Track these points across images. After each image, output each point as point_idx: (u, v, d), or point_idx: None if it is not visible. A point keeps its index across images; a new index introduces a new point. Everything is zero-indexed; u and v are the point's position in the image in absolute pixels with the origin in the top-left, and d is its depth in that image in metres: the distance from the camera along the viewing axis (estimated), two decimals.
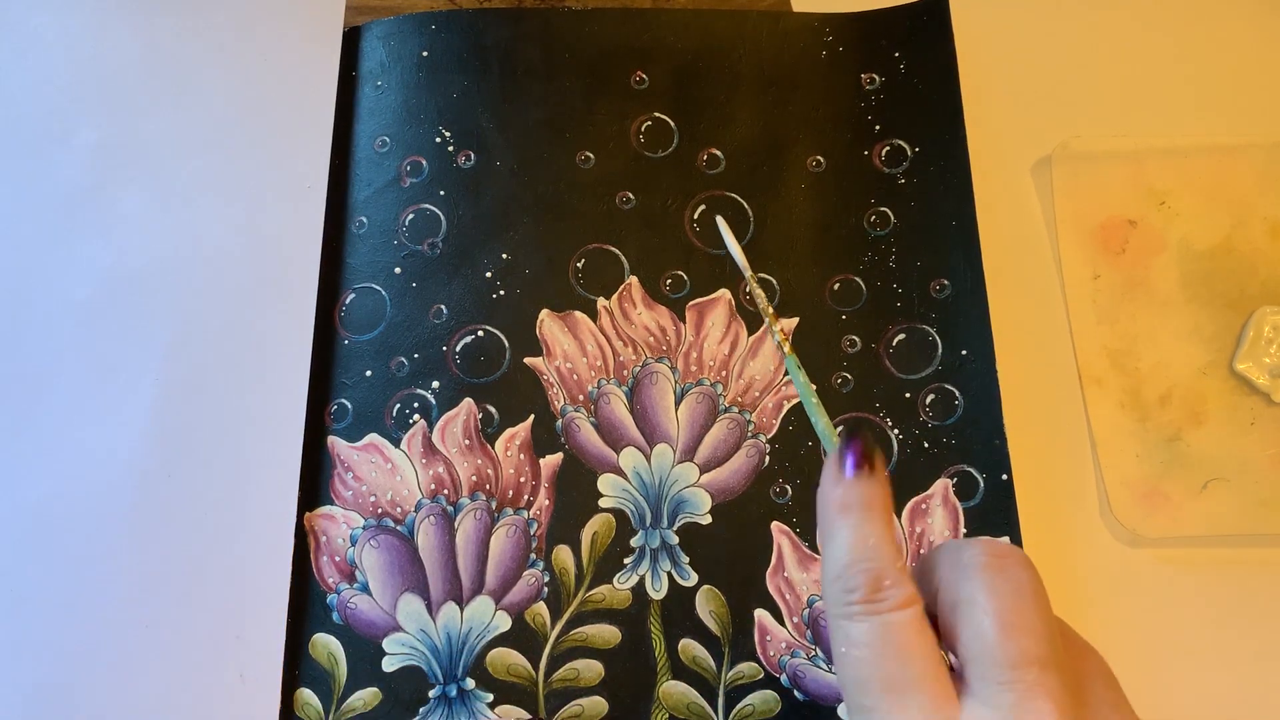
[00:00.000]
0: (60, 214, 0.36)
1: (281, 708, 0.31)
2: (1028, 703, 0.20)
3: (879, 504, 0.23)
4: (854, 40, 0.38)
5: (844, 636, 0.22)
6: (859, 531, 0.22)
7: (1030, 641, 0.21)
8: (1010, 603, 0.21)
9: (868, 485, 0.23)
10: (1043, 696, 0.20)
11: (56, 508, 0.32)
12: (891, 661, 0.21)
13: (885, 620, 0.22)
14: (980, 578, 0.22)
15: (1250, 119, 0.38)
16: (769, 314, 0.25)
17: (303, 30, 0.38)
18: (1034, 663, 0.21)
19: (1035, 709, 0.20)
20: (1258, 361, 0.34)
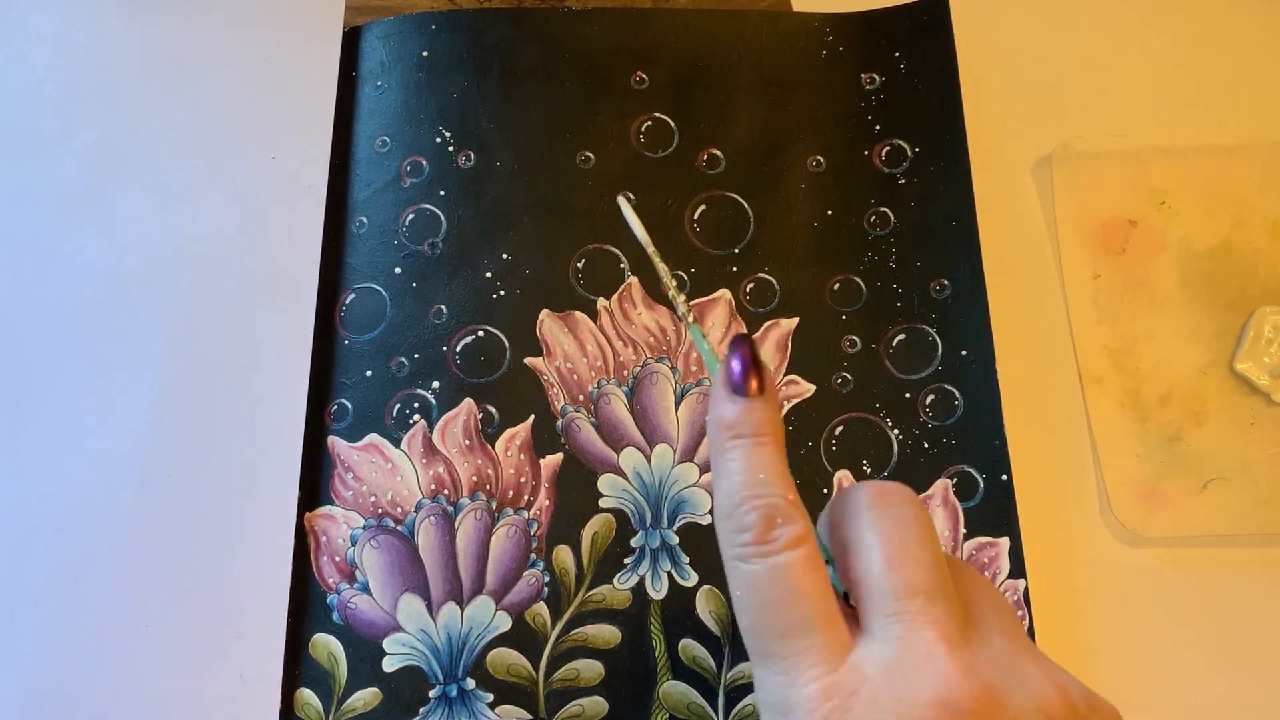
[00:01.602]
0: (60, 214, 0.36)
1: (281, 708, 0.31)
2: (914, 633, 0.21)
3: (769, 430, 0.23)
4: (854, 40, 0.38)
5: (738, 578, 0.22)
6: (748, 462, 0.22)
7: (913, 572, 0.21)
8: (893, 537, 0.22)
9: (758, 409, 0.23)
10: (928, 625, 0.21)
11: (56, 507, 0.32)
12: (785, 605, 0.21)
13: (777, 562, 0.22)
14: (865, 517, 0.22)
15: (1250, 119, 0.38)
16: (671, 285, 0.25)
17: (303, 30, 0.38)
18: (919, 593, 0.21)
19: (921, 638, 0.21)
20: (1258, 361, 0.34)
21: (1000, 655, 0.21)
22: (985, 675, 0.20)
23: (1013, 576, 0.32)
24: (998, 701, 0.20)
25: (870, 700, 0.20)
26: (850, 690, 0.20)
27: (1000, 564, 0.33)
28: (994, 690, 0.20)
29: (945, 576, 0.22)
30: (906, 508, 0.23)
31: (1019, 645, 0.22)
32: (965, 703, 0.20)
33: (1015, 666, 0.21)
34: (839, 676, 0.21)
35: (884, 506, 0.23)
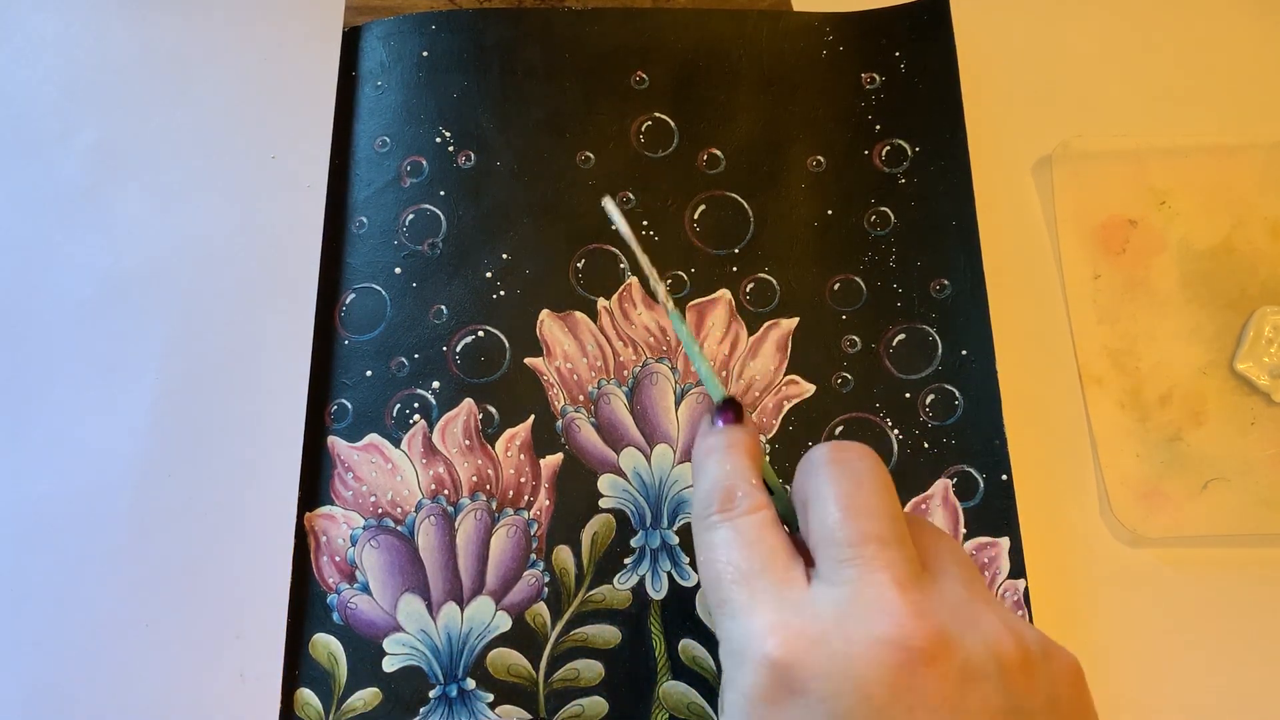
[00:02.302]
0: (60, 213, 0.36)
1: (281, 708, 0.31)
2: (867, 576, 0.21)
3: (742, 443, 0.24)
4: (854, 40, 0.38)
5: (702, 545, 0.23)
6: (720, 464, 0.24)
7: (868, 522, 0.22)
8: (849, 489, 0.23)
9: (733, 430, 0.25)
10: (881, 569, 0.21)
11: (56, 507, 0.32)
12: (741, 554, 0.22)
13: (736, 522, 0.23)
14: (823, 473, 0.23)
15: (1250, 119, 0.38)
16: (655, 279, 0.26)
17: (303, 30, 0.38)
18: (872, 540, 0.22)
19: (875, 580, 0.21)
20: (1258, 361, 0.34)
21: (954, 600, 0.22)
22: (937, 617, 0.21)
23: (1013, 576, 0.32)
24: (948, 642, 0.20)
25: (821, 638, 0.20)
26: (802, 629, 0.21)
27: (1000, 564, 0.33)
28: (945, 631, 0.20)
29: (901, 526, 0.22)
30: (863, 462, 0.23)
31: (975, 592, 0.22)
32: (915, 639, 0.20)
33: (969, 610, 0.21)
34: (792, 615, 0.21)
35: (841, 462, 0.23)
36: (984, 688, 0.20)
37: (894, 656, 0.20)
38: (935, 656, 0.20)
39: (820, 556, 0.22)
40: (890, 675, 0.20)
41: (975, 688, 0.20)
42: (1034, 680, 0.21)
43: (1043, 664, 0.21)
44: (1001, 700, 0.20)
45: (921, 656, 0.20)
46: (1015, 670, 0.20)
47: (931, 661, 0.20)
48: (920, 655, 0.20)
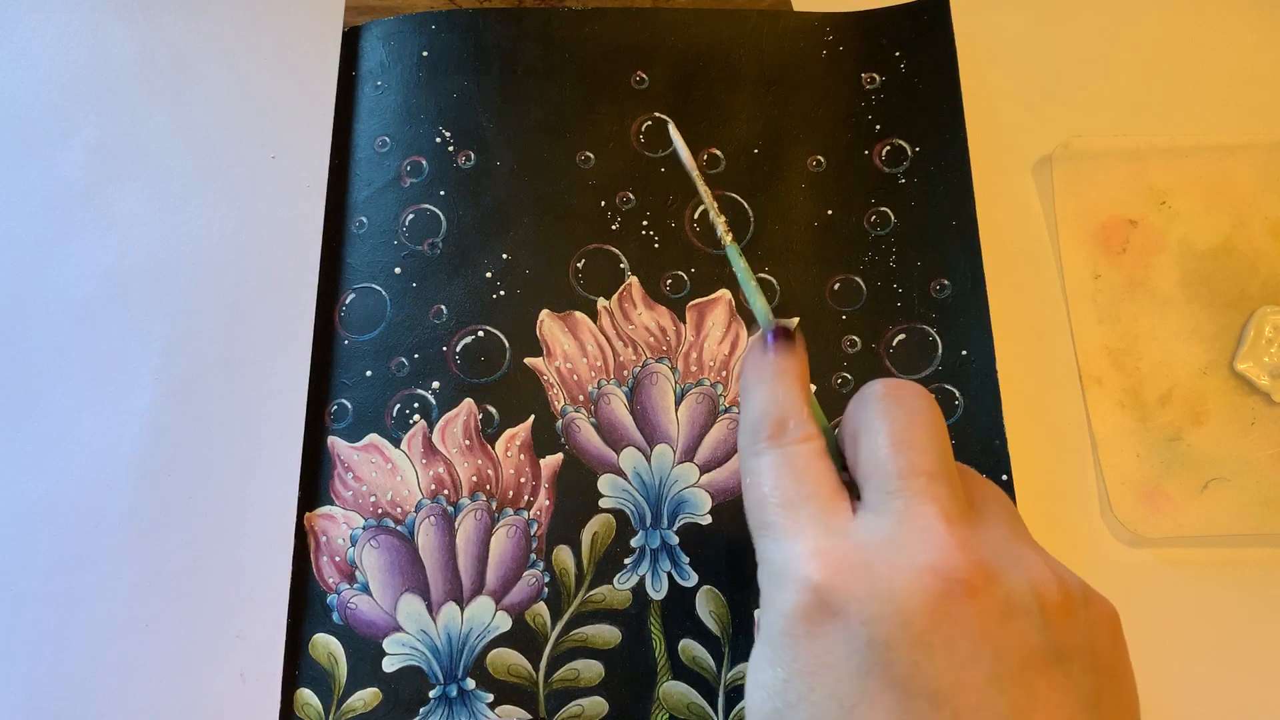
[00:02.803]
0: (60, 213, 0.36)
1: (281, 708, 0.31)
2: (915, 507, 0.21)
3: (794, 370, 0.24)
4: (854, 40, 0.38)
5: (750, 469, 0.23)
6: (772, 391, 0.24)
7: (919, 456, 0.22)
8: (902, 424, 0.22)
9: (785, 356, 0.24)
10: (929, 501, 0.21)
11: (56, 507, 0.32)
12: (788, 481, 0.22)
13: (786, 450, 0.23)
14: (877, 406, 0.23)
15: (1250, 119, 0.38)
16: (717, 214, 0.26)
17: (303, 30, 0.38)
18: (922, 473, 0.22)
19: (922, 512, 0.21)
20: (1258, 361, 0.34)
21: (999, 539, 0.22)
22: (982, 551, 0.21)
23: None
24: (991, 576, 0.20)
25: (864, 564, 0.20)
26: (845, 553, 0.21)
27: None
28: (988, 565, 0.20)
29: (950, 464, 0.22)
30: (918, 399, 0.23)
31: (1020, 535, 0.22)
32: (959, 571, 0.20)
33: (1013, 550, 0.21)
34: (836, 542, 0.21)
35: (896, 398, 0.23)
36: (1024, 624, 0.20)
37: (936, 585, 0.20)
38: (978, 589, 0.20)
39: (868, 488, 0.22)
40: (931, 603, 0.20)
41: (1015, 623, 0.20)
42: (1074, 622, 0.21)
43: (1083, 608, 0.21)
44: (1041, 638, 0.20)
45: (964, 588, 0.20)
46: (1056, 610, 0.20)
47: (974, 593, 0.20)
48: (963, 586, 0.20)
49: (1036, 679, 0.20)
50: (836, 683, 0.20)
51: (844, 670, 0.20)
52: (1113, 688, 0.21)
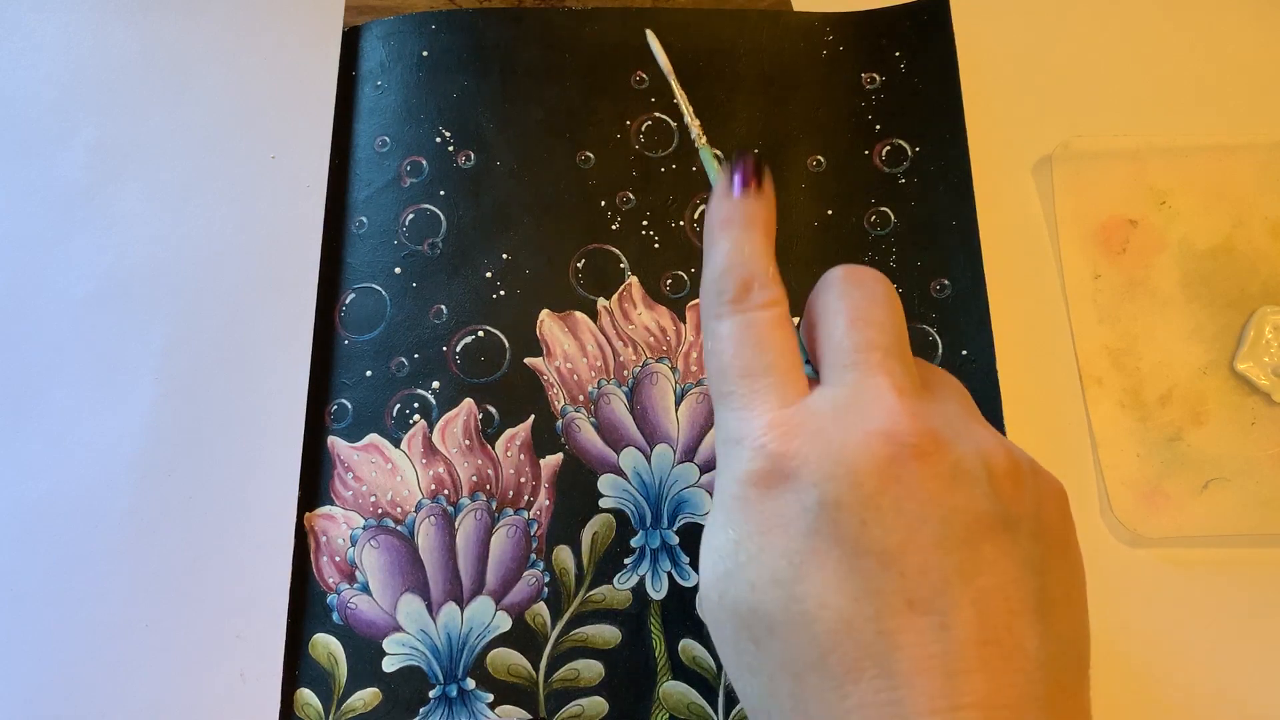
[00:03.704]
0: (60, 213, 0.36)
1: (281, 708, 0.31)
2: (868, 379, 0.22)
3: (760, 220, 0.24)
4: (854, 40, 0.38)
5: (711, 334, 0.23)
6: (736, 243, 0.24)
7: (875, 333, 0.22)
8: (860, 304, 0.23)
9: (752, 202, 0.24)
10: (883, 374, 0.22)
11: (56, 507, 0.32)
12: (749, 350, 0.23)
13: (749, 317, 0.23)
14: (836, 288, 0.24)
15: (1250, 118, 0.38)
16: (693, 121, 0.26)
17: (303, 30, 0.38)
18: (877, 348, 0.22)
19: (875, 383, 0.21)
20: (1258, 361, 0.34)
21: (950, 413, 0.22)
22: (932, 421, 0.21)
23: None
24: (941, 443, 0.20)
25: (816, 430, 0.21)
26: (799, 421, 0.21)
27: None
28: (938, 433, 0.21)
29: (905, 344, 0.23)
30: (876, 283, 0.24)
31: (971, 413, 0.23)
32: (909, 436, 0.20)
33: (963, 424, 0.22)
34: (791, 411, 0.22)
35: (854, 280, 0.24)
36: (972, 489, 0.20)
37: (886, 449, 0.20)
38: (927, 453, 0.20)
39: (824, 365, 0.23)
40: (881, 466, 0.20)
41: (963, 488, 0.20)
42: (1021, 491, 0.21)
43: (1031, 479, 0.21)
44: (988, 504, 0.20)
45: (913, 451, 0.20)
46: (1003, 478, 0.21)
47: (923, 457, 0.20)
48: (912, 450, 0.20)
49: (983, 542, 0.20)
50: (787, 541, 0.20)
51: (794, 530, 0.20)
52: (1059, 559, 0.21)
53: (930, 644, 0.19)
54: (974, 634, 0.19)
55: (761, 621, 0.20)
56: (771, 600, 0.20)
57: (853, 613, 0.19)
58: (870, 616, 0.19)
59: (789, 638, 0.20)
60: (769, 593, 0.20)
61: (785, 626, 0.20)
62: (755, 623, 0.20)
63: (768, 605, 0.20)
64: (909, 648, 0.19)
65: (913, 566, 0.19)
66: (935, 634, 0.19)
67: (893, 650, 0.19)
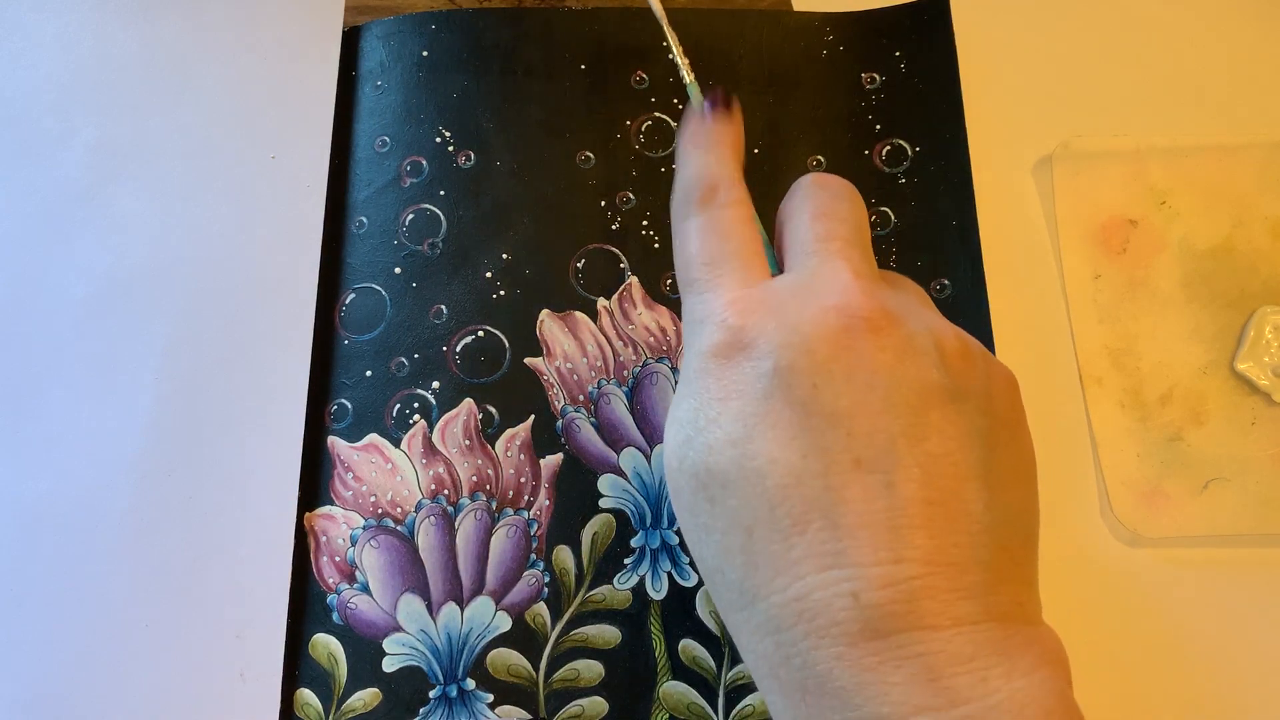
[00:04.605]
0: (60, 213, 0.36)
1: (281, 708, 0.31)
2: (827, 262, 0.23)
3: (729, 140, 0.26)
4: (854, 39, 0.38)
5: (679, 232, 0.25)
6: (704, 158, 0.25)
7: (836, 224, 0.24)
8: (825, 201, 0.24)
9: (721, 123, 0.26)
10: (842, 259, 0.23)
11: (55, 507, 0.32)
12: (714, 240, 0.24)
13: (714, 214, 0.24)
14: (803, 191, 0.25)
15: (1251, 118, 0.38)
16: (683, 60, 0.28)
17: (303, 30, 0.38)
18: (837, 238, 0.23)
19: (833, 266, 0.23)
20: (1259, 361, 0.34)
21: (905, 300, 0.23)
22: (886, 301, 0.22)
23: None
24: (894, 319, 0.21)
25: (775, 305, 0.22)
26: (760, 299, 0.22)
27: None
28: (891, 311, 0.22)
29: (866, 240, 0.24)
30: (842, 185, 0.25)
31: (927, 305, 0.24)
32: (862, 310, 0.21)
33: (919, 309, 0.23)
34: (752, 291, 0.23)
35: (820, 183, 0.25)
36: (922, 361, 0.21)
37: (838, 320, 0.21)
38: (879, 327, 0.21)
39: (788, 254, 0.24)
40: (834, 335, 0.21)
41: (913, 360, 0.21)
42: (971, 369, 0.22)
43: (982, 361, 0.22)
44: (937, 375, 0.21)
45: (866, 324, 0.21)
46: (954, 356, 0.21)
47: (874, 331, 0.21)
48: (864, 324, 0.21)
49: (930, 410, 0.21)
50: (742, 405, 0.21)
51: (750, 394, 0.21)
52: (1008, 436, 0.22)
53: (875, 500, 0.20)
54: (919, 493, 0.20)
55: (716, 480, 0.21)
56: (726, 459, 0.21)
57: (801, 468, 0.20)
58: (818, 472, 0.20)
59: (741, 493, 0.21)
60: (724, 452, 0.21)
61: (738, 483, 0.21)
62: (711, 482, 0.21)
63: (723, 464, 0.21)
64: (854, 502, 0.20)
65: (861, 428, 0.20)
66: (880, 491, 0.20)
67: (839, 504, 0.20)
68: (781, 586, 0.20)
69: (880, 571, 0.19)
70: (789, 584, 0.20)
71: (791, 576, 0.20)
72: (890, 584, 0.19)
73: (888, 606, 0.19)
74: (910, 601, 0.19)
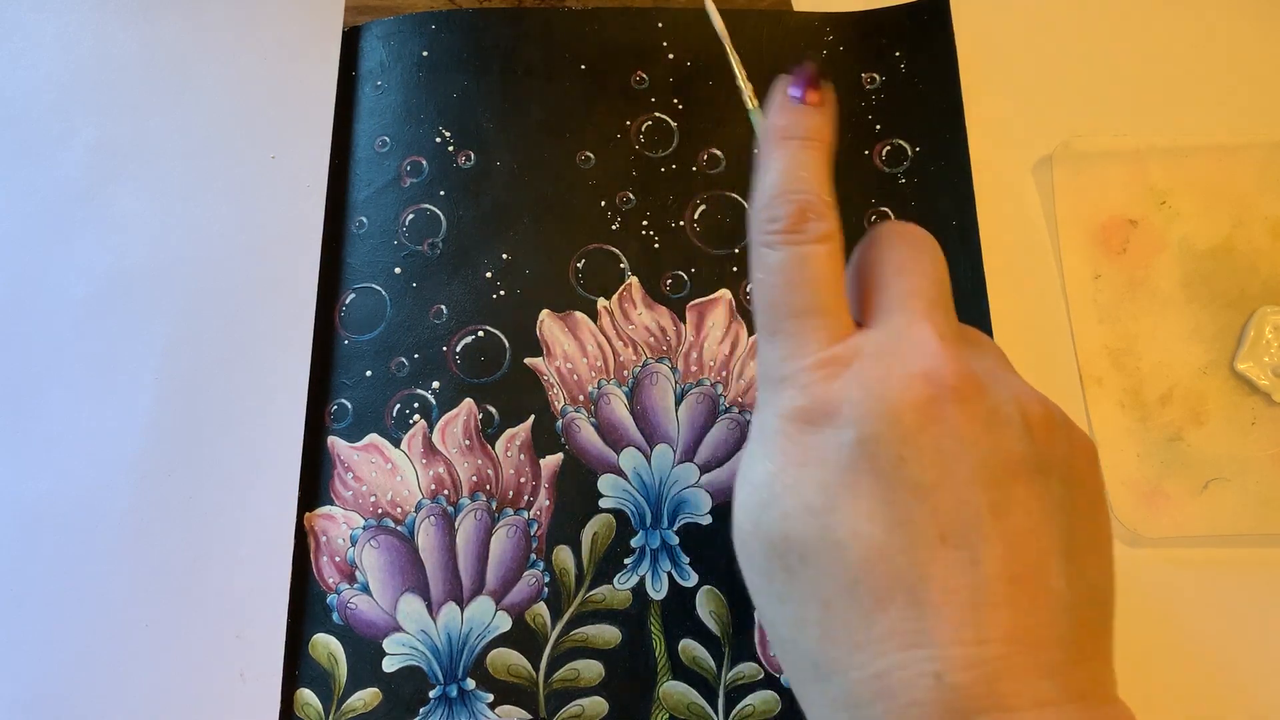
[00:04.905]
0: (60, 213, 0.36)
1: (281, 708, 0.31)
2: (913, 325, 0.22)
3: (820, 136, 0.24)
4: (854, 40, 0.38)
5: (762, 262, 0.23)
6: (795, 160, 0.23)
7: (920, 281, 0.23)
8: (907, 254, 0.24)
9: (812, 115, 0.24)
10: (926, 320, 0.22)
11: (56, 507, 0.32)
12: (803, 288, 0.23)
13: (802, 251, 0.23)
14: (885, 241, 0.24)
15: (1251, 118, 0.38)
16: (746, 85, 0.27)
17: (303, 30, 0.38)
18: (921, 297, 0.23)
19: (918, 328, 0.22)
20: (1258, 361, 0.34)
21: (990, 364, 0.22)
22: (972, 366, 0.21)
23: None
24: (980, 387, 0.21)
25: (859, 370, 0.21)
26: (844, 362, 0.22)
27: None
28: (977, 378, 0.21)
29: (949, 298, 0.23)
30: (924, 237, 0.24)
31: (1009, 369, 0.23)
32: (949, 379, 0.21)
33: (1002, 374, 0.22)
34: (835, 351, 0.22)
35: (901, 233, 0.24)
36: (1008, 433, 0.20)
37: (926, 390, 0.20)
38: (966, 396, 0.20)
39: (871, 310, 0.23)
40: (921, 405, 0.20)
41: (999, 431, 0.20)
42: (1055, 438, 0.21)
43: (1064, 429, 0.22)
44: (1023, 447, 0.20)
45: (952, 394, 0.20)
46: (1039, 425, 0.21)
47: (962, 400, 0.20)
48: (951, 393, 0.20)
49: (1015, 483, 0.20)
50: (824, 474, 0.21)
51: (831, 463, 0.21)
52: (1088, 507, 0.21)
53: (960, 576, 0.19)
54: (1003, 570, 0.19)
55: (794, 549, 0.21)
56: (805, 528, 0.20)
57: (885, 542, 0.20)
58: (902, 547, 0.20)
59: (820, 565, 0.20)
60: (803, 520, 0.21)
61: (817, 554, 0.20)
62: (788, 550, 0.21)
63: (801, 533, 0.21)
64: (939, 579, 0.19)
65: (947, 502, 0.20)
66: (965, 567, 0.19)
67: (922, 580, 0.19)
68: (861, 663, 0.19)
69: (964, 652, 0.19)
70: (869, 660, 0.19)
71: (872, 654, 0.19)
72: (973, 665, 0.19)
73: (971, 688, 0.19)
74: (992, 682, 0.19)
